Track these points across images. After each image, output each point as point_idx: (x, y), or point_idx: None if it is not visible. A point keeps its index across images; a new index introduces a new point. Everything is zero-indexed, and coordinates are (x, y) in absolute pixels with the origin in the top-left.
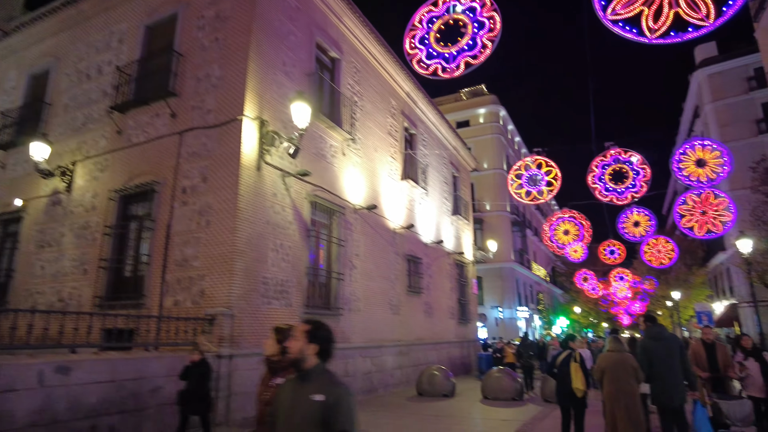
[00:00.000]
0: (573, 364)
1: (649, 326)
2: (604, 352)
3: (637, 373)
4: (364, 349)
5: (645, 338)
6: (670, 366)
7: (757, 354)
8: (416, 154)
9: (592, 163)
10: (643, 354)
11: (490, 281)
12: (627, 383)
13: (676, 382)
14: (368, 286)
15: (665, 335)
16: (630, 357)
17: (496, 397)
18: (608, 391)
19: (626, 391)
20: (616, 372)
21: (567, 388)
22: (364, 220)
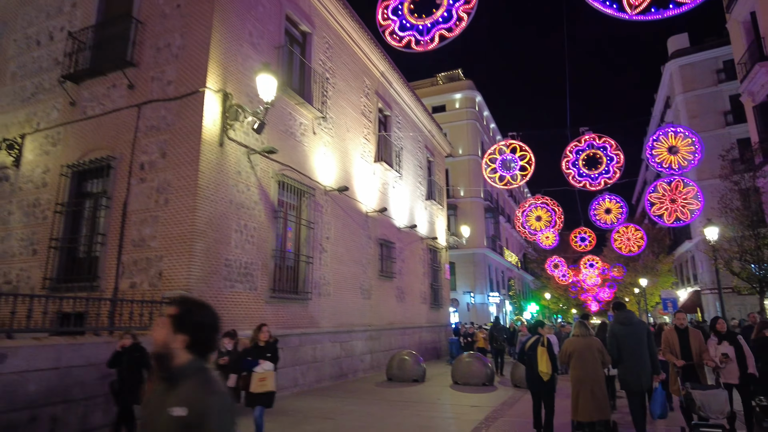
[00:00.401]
0: (540, 348)
1: (618, 312)
2: (571, 337)
3: (603, 356)
4: (334, 334)
5: (614, 323)
6: (637, 351)
7: (732, 337)
8: (390, 137)
9: (566, 148)
10: (612, 339)
11: (463, 267)
12: (593, 367)
13: (643, 366)
14: (339, 270)
15: (633, 321)
16: (596, 341)
17: (467, 383)
18: (575, 375)
19: (592, 375)
20: (583, 356)
21: (536, 372)
22: (335, 203)
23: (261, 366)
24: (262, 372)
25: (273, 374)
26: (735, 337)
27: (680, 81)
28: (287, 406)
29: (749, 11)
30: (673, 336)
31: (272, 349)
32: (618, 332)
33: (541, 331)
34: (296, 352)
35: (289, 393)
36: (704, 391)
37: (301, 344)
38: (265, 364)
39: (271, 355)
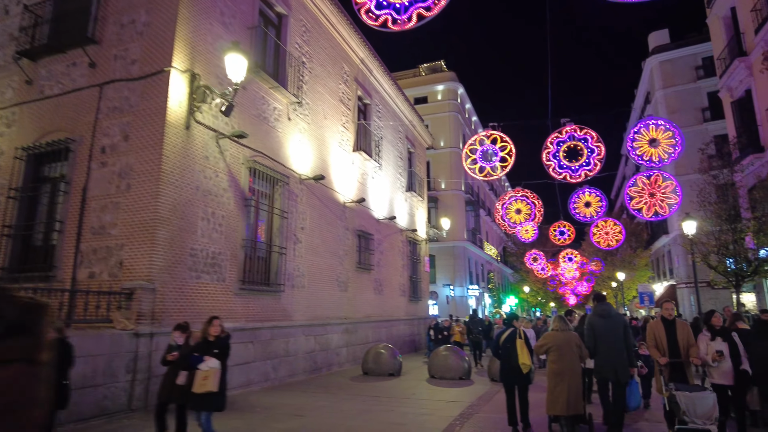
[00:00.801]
0: (519, 341)
1: (596, 304)
2: (550, 331)
3: (581, 350)
4: (308, 327)
5: (592, 315)
6: (614, 343)
7: (726, 334)
8: (370, 126)
9: (547, 139)
10: (590, 331)
11: (443, 259)
12: (571, 361)
13: (620, 358)
14: (314, 261)
15: (611, 313)
16: (574, 336)
17: (443, 377)
18: (552, 369)
19: (571, 369)
20: (561, 350)
21: (512, 364)
22: (310, 192)
23: (205, 363)
24: (205, 370)
25: (217, 372)
26: (729, 333)
27: (660, 77)
28: (256, 402)
29: (729, 7)
30: (659, 328)
31: (222, 345)
32: (595, 324)
33: (516, 323)
34: (267, 346)
35: (260, 388)
36: (690, 393)
37: (273, 338)
38: (210, 361)
39: (219, 351)
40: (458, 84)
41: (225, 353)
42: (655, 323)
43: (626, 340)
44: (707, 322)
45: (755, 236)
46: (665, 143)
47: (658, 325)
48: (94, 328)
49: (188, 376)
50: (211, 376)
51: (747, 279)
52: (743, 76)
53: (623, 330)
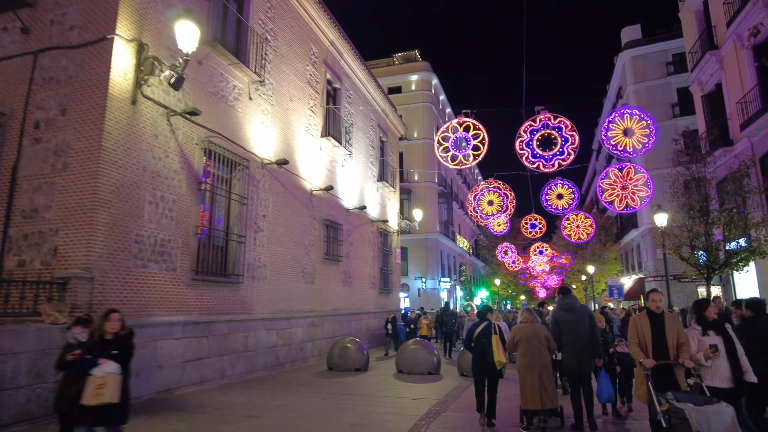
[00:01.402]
0: (494, 337)
1: (561, 298)
2: (518, 324)
3: (549, 343)
4: (270, 321)
5: (556, 309)
6: (578, 336)
7: (719, 326)
8: (340, 111)
9: (521, 128)
10: (555, 324)
11: (415, 252)
12: (540, 354)
13: (584, 350)
14: (277, 251)
15: (575, 306)
16: (542, 328)
17: (411, 372)
18: (522, 363)
19: (540, 362)
20: (530, 343)
21: (487, 360)
22: (274, 177)
23: (101, 367)
24: (101, 376)
25: (117, 379)
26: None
27: (632, 72)
28: (208, 401)
29: (702, 0)
30: (644, 323)
31: (122, 344)
32: (559, 318)
33: (490, 317)
34: (224, 341)
35: (215, 386)
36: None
37: (230, 332)
38: (107, 364)
39: (119, 352)
40: (432, 74)
41: (127, 355)
42: (639, 317)
43: (591, 332)
44: (699, 313)
45: (725, 228)
46: (639, 133)
47: (643, 319)
48: (18, 323)
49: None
50: (108, 384)
51: (717, 271)
52: (714, 70)
53: (588, 322)
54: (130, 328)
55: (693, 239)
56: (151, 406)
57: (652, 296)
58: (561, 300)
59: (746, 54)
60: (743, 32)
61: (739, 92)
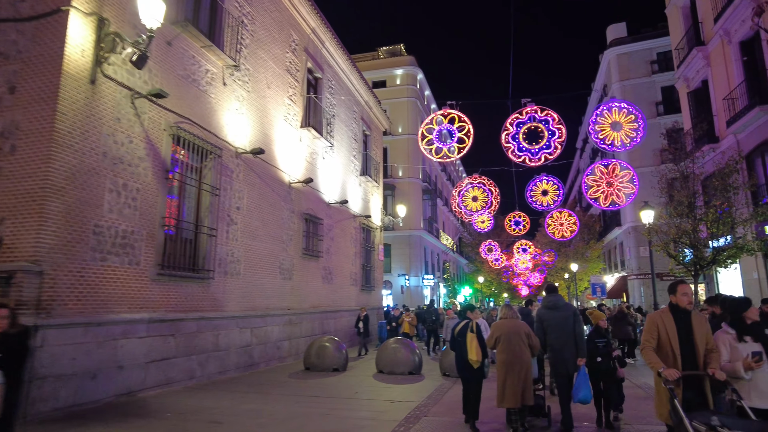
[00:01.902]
0: (469, 335)
1: (546, 295)
2: (498, 321)
3: (530, 340)
4: (243, 319)
5: (540, 307)
6: (562, 335)
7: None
8: (321, 101)
9: (507, 120)
10: (539, 323)
11: (399, 248)
12: (520, 351)
13: (568, 350)
14: (252, 246)
15: (559, 304)
16: (523, 325)
17: (392, 372)
18: (501, 360)
19: (519, 359)
20: (510, 340)
21: (465, 358)
22: (249, 168)
23: None
24: None
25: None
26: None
27: (617, 69)
28: (172, 405)
29: None
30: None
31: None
32: (543, 316)
33: (470, 315)
34: (193, 340)
35: (182, 387)
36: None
37: (200, 330)
38: None
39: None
40: (418, 69)
41: (15, 359)
42: (661, 315)
43: (575, 331)
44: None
45: (713, 225)
46: (627, 127)
47: (666, 318)
48: None
49: None
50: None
51: (705, 269)
52: (700, 66)
53: (572, 320)
54: (24, 326)
55: (681, 236)
56: (106, 411)
57: (682, 289)
58: (545, 298)
59: (733, 49)
60: (730, 28)
61: (726, 88)
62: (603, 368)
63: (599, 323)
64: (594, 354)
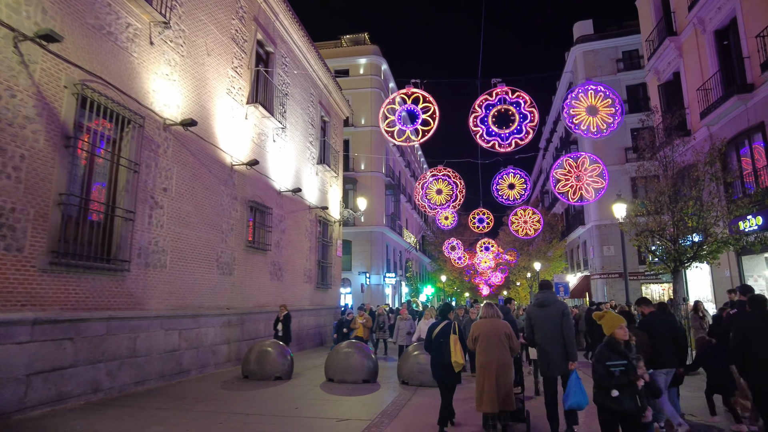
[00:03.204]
0: (453, 336)
1: (538, 292)
2: (477, 320)
3: (510, 341)
4: (170, 319)
5: (530, 305)
6: (549, 334)
7: None
8: (272, 77)
9: (475, 102)
10: (527, 321)
11: (360, 245)
12: (498, 352)
13: (554, 350)
14: (182, 234)
15: (549, 302)
16: (503, 324)
17: (343, 380)
18: (479, 361)
19: (498, 361)
20: (489, 340)
21: (444, 362)
22: (180, 144)
23: None
24: None
25: None
26: None
27: (583, 66)
28: (54, 428)
29: None
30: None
31: None
32: (532, 314)
33: (451, 316)
34: (100, 344)
35: (81, 404)
36: None
37: (111, 332)
38: None
39: None
40: (382, 59)
41: None
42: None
43: (564, 329)
44: None
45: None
46: (604, 112)
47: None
48: None
49: None
50: None
51: (686, 264)
52: (672, 57)
53: (560, 319)
54: None
55: (662, 229)
56: None
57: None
58: (536, 295)
59: (708, 39)
60: (705, 16)
61: (699, 79)
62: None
63: (615, 333)
64: (606, 385)
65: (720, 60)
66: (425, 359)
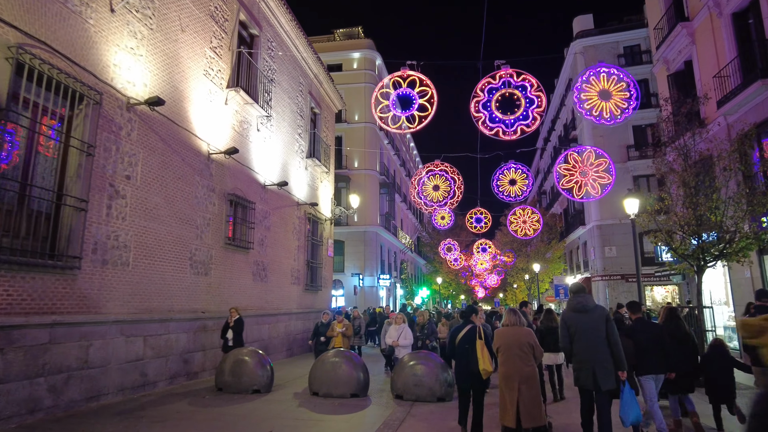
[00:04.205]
0: (479, 342)
1: (573, 296)
2: (500, 327)
3: (534, 351)
4: (133, 325)
5: (566, 310)
6: (592, 343)
7: None
8: (257, 61)
9: (477, 85)
10: (563, 329)
11: (353, 245)
12: (522, 363)
13: (599, 362)
14: (149, 229)
15: (589, 307)
16: (526, 332)
17: (329, 393)
18: (501, 372)
19: (521, 372)
20: (510, 349)
21: (471, 369)
22: (148, 126)
23: None
24: None
25: None
26: None
27: (584, 62)
28: None
29: None
30: None
31: None
32: (569, 321)
33: (475, 319)
34: (41, 355)
35: (15, 426)
36: None
37: (56, 341)
38: None
39: None
40: (376, 53)
41: None
42: None
43: (609, 337)
44: None
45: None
46: (618, 96)
47: None
48: None
49: None
50: None
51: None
52: (684, 45)
53: (604, 325)
54: None
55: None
56: None
57: None
58: (572, 299)
59: (724, 23)
60: None
61: (714, 67)
62: None
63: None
64: None
65: (738, 45)
66: (422, 370)
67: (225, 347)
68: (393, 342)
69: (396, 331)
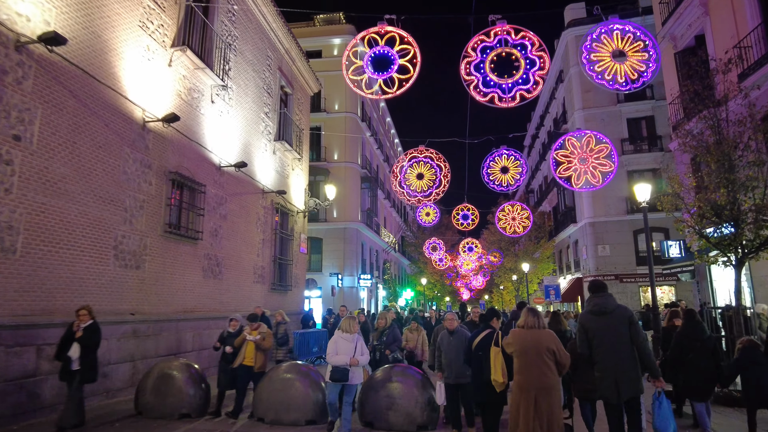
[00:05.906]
0: (493, 349)
1: (591, 297)
2: (515, 328)
3: (556, 356)
4: (19, 330)
5: (584, 313)
6: (614, 348)
7: None
8: (213, 22)
9: (468, 44)
10: (582, 333)
11: (332, 243)
12: (540, 372)
13: (623, 368)
14: (50, 207)
15: (609, 309)
16: (548, 336)
17: (278, 420)
18: (516, 381)
19: (539, 382)
20: (527, 355)
21: (485, 377)
22: (52, 77)
23: None
24: None
25: None
26: None
27: (575, 51)
28: None
29: None
30: None
31: None
32: (588, 325)
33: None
34: None
35: None
36: None
37: None
38: None
39: None
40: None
41: None
42: None
43: (636, 341)
44: None
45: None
46: (635, 57)
47: None
48: None
49: None
50: None
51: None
52: (696, 17)
53: (627, 329)
54: None
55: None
56: None
57: None
58: (590, 300)
59: None
60: None
61: (733, 38)
62: None
63: None
64: None
65: (762, 11)
66: (400, 390)
67: (64, 372)
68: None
69: (344, 341)
